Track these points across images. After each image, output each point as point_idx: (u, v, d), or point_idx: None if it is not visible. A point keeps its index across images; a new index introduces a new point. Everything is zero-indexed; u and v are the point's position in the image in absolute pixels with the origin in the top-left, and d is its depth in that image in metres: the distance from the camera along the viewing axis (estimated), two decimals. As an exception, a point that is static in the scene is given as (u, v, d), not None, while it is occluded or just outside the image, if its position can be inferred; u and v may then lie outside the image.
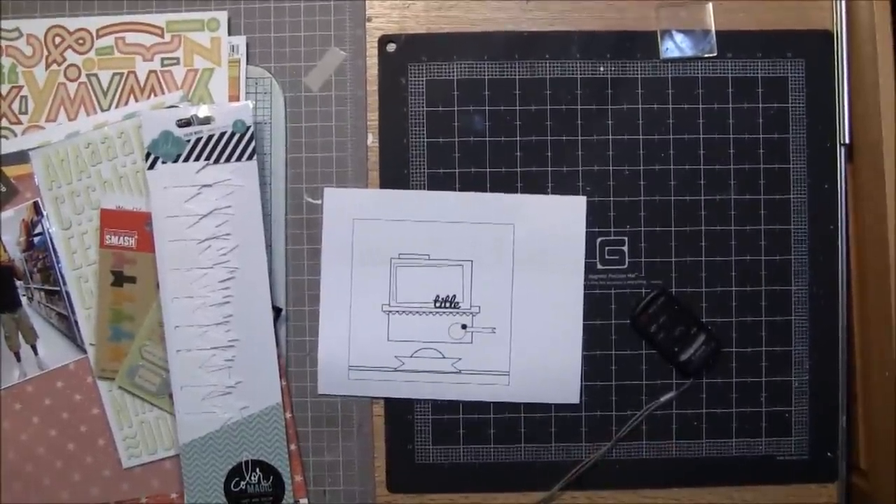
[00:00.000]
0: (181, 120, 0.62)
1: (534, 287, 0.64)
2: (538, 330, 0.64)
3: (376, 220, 0.64)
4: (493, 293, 0.64)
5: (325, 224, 0.64)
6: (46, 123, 0.65)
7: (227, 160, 0.63)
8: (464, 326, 0.64)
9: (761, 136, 0.65)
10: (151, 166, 0.62)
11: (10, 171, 0.64)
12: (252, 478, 0.63)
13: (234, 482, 0.63)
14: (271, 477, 0.63)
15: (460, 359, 0.65)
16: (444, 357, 0.64)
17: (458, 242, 0.64)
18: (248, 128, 0.62)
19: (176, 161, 0.62)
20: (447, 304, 0.64)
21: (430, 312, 0.64)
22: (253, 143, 0.63)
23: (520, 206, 0.64)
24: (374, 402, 0.65)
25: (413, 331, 0.65)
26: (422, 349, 0.64)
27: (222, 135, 0.63)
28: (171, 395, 0.63)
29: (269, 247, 0.64)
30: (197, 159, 0.62)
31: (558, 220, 0.65)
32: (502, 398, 0.65)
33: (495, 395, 0.65)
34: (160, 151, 0.62)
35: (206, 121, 0.63)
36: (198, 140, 0.62)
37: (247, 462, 0.63)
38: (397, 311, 0.65)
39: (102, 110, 0.65)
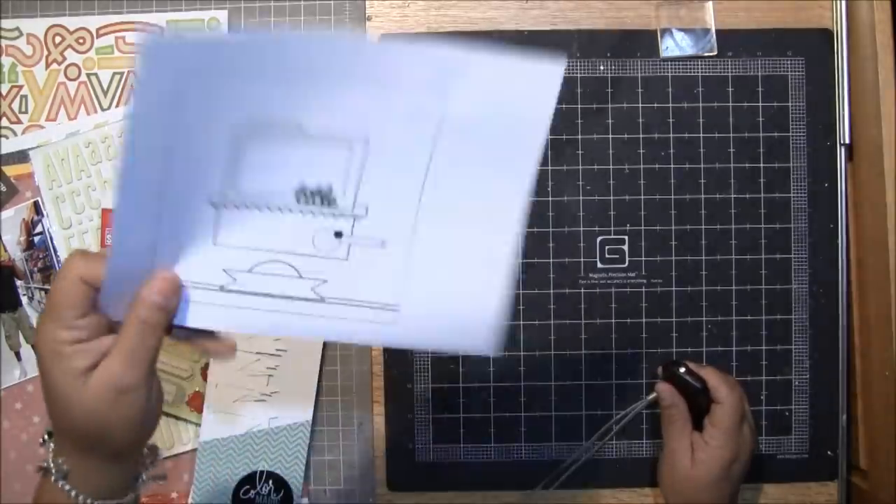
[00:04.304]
0: None
1: (457, 186, 0.43)
2: (451, 248, 0.44)
3: (223, 75, 0.39)
4: (391, 189, 0.43)
5: (139, 80, 0.38)
6: (46, 123, 0.65)
7: None
8: (338, 234, 0.43)
9: (761, 134, 0.65)
10: None
11: (10, 170, 0.64)
12: (263, 489, 0.63)
13: (244, 489, 0.63)
14: (282, 491, 0.63)
15: (326, 281, 0.44)
16: (300, 276, 0.44)
17: (352, 111, 0.41)
18: None
19: None
20: (316, 200, 0.43)
21: (287, 209, 0.43)
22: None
23: (463, 68, 0.41)
24: (374, 402, 0.65)
25: (256, 235, 0.43)
26: (267, 262, 0.43)
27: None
28: (188, 402, 0.63)
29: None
30: None
31: (517, 94, 0.41)
32: (383, 342, 0.48)
33: (373, 337, 0.45)
34: None
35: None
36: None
37: (261, 472, 0.63)
38: (234, 205, 0.42)
39: (102, 109, 0.65)
